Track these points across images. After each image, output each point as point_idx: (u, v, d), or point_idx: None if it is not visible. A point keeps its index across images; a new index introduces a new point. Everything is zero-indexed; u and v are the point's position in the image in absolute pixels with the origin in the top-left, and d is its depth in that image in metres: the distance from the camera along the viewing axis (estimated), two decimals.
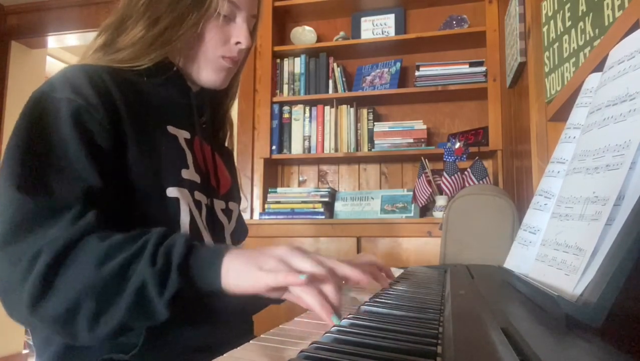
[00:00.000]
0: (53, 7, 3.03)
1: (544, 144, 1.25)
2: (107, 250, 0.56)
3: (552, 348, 0.36)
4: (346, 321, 0.50)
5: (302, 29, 2.61)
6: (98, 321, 0.55)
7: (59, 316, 0.54)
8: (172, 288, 0.54)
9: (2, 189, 0.60)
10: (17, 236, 0.57)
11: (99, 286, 0.54)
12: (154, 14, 0.76)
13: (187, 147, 0.79)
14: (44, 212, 0.58)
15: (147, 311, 0.55)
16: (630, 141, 0.43)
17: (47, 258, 0.54)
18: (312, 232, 2.25)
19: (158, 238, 0.57)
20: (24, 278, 0.54)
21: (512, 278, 0.65)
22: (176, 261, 0.55)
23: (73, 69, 0.71)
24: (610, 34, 0.74)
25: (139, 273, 0.54)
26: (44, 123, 0.64)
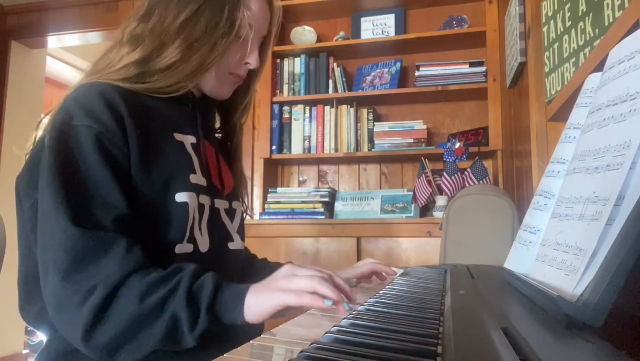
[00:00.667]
0: (53, 7, 3.03)
1: (544, 144, 1.25)
2: (147, 287, 0.63)
3: (552, 348, 0.36)
4: (346, 321, 0.50)
5: (302, 29, 2.61)
6: (137, 348, 0.62)
7: (106, 345, 0.62)
8: (202, 326, 0.62)
9: (54, 222, 0.64)
10: (77, 268, 0.63)
11: (140, 319, 0.61)
12: (190, 37, 0.77)
13: (193, 152, 0.81)
14: (99, 245, 0.64)
15: (177, 341, 0.63)
16: (630, 141, 0.43)
17: (101, 293, 0.61)
18: (312, 232, 2.25)
19: (190, 278, 0.64)
20: (79, 308, 0.61)
21: (512, 278, 0.65)
22: (205, 303, 0.62)
23: (86, 91, 0.73)
24: (610, 34, 0.74)
25: (174, 310, 0.61)
26: (70, 153, 0.68)
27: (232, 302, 0.63)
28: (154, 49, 0.77)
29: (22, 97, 3.12)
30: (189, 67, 0.78)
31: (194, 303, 0.62)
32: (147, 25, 0.79)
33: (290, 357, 0.37)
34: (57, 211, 0.64)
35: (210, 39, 0.78)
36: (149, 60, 0.77)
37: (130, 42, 0.79)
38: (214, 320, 0.63)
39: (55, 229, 0.64)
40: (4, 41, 3.06)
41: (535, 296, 0.51)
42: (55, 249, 0.64)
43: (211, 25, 0.78)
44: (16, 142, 3.02)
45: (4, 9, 3.09)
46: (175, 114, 0.82)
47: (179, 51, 0.77)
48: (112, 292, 0.62)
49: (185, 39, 0.77)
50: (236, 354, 0.41)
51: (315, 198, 2.36)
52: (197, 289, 0.63)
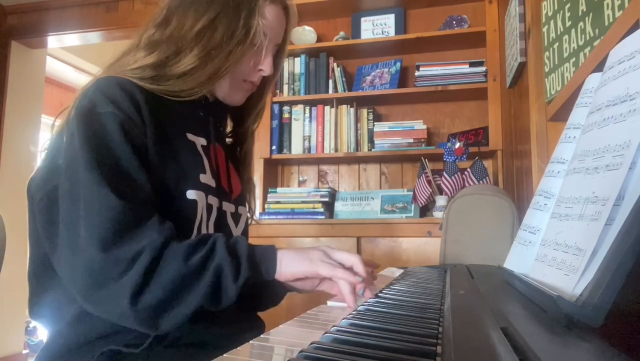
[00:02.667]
0: (53, 7, 3.03)
1: (544, 144, 1.25)
2: (187, 249, 0.66)
3: (551, 348, 0.36)
4: (346, 321, 0.50)
5: (302, 29, 2.61)
6: (182, 308, 0.64)
7: (154, 309, 0.63)
8: (245, 276, 0.66)
9: (95, 193, 0.65)
10: (119, 237, 0.64)
11: (186, 278, 0.64)
12: (208, 45, 0.79)
13: (203, 153, 0.83)
14: (138, 217, 0.66)
15: (219, 297, 0.66)
16: (630, 141, 0.43)
17: (148, 257, 0.63)
18: (312, 232, 2.25)
19: (224, 239, 0.69)
20: (122, 275, 0.62)
21: (512, 278, 0.65)
22: (244, 253, 0.68)
23: (107, 82, 0.74)
24: (610, 34, 0.74)
25: (218, 262, 0.65)
26: (99, 137, 0.69)
27: (267, 254, 0.70)
28: (170, 54, 0.79)
29: (22, 97, 3.12)
30: (205, 74, 0.79)
31: (235, 254, 0.67)
32: (165, 32, 0.80)
33: (290, 357, 0.37)
34: (98, 182, 0.65)
35: (226, 47, 0.79)
36: (165, 64, 0.79)
37: (147, 46, 0.80)
38: (254, 270, 0.68)
39: (94, 200, 0.65)
40: (4, 41, 3.06)
41: (535, 296, 0.51)
42: (95, 221, 0.64)
43: (228, 34, 0.79)
44: (16, 143, 3.02)
45: (4, 9, 3.09)
46: (188, 116, 0.84)
47: (196, 58, 0.78)
48: (157, 256, 0.64)
49: (204, 47, 0.78)
50: (236, 354, 0.41)
51: (315, 198, 2.36)
52: (233, 245, 0.69)
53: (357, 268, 0.71)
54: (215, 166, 0.86)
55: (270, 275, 0.70)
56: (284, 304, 0.94)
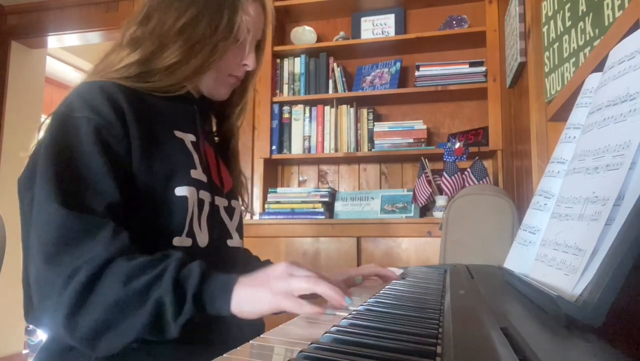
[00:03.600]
0: (53, 7, 3.03)
1: (544, 144, 1.25)
2: (132, 271, 0.61)
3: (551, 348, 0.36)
4: (346, 321, 0.50)
5: (302, 29, 2.61)
6: (119, 334, 0.60)
7: (89, 331, 0.60)
8: (187, 315, 0.60)
9: (44, 204, 0.65)
10: (60, 250, 0.62)
11: (124, 303, 0.60)
12: (191, 40, 0.80)
13: (193, 149, 0.84)
14: (85, 229, 0.64)
15: (161, 328, 0.61)
16: (630, 141, 0.43)
17: (85, 274, 0.60)
18: (312, 232, 2.25)
19: (177, 265, 0.62)
20: (61, 292, 0.60)
21: (512, 278, 0.65)
22: (191, 290, 0.60)
23: (89, 87, 0.75)
24: (610, 34, 0.74)
25: (159, 295, 0.60)
26: (68, 142, 0.69)
27: (220, 292, 0.62)
28: (154, 50, 0.80)
29: (22, 97, 3.12)
30: (190, 68, 0.81)
31: (180, 290, 0.60)
32: (146, 28, 0.81)
33: (290, 357, 0.37)
34: (48, 195, 0.65)
35: (210, 42, 0.81)
36: (149, 60, 0.80)
37: (130, 44, 0.81)
38: (200, 309, 0.61)
39: (43, 212, 0.64)
40: (4, 41, 3.06)
41: (535, 296, 0.51)
42: (41, 232, 0.64)
43: (211, 29, 0.80)
44: (16, 142, 3.03)
45: (4, 9, 3.09)
46: (176, 113, 0.84)
47: (179, 52, 0.79)
48: (96, 274, 0.61)
49: (186, 41, 0.80)
50: (236, 354, 0.41)
51: (315, 198, 2.36)
52: (184, 276, 0.62)
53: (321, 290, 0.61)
54: (206, 161, 0.87)
55: (223, 312, 0.62)
56: None
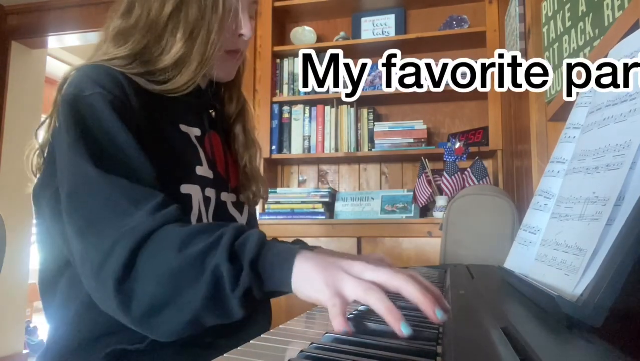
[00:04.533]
0: (53, 7, 3.03)
1: (544, 144, 1.25)
2: (186, 237, 0.55)
3: (552, 348, 0.36)
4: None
5: (302, 29, 2.61)
6: (178, 310, 0.54)
7: (145, 305, 0.54)
8: (244, 285, 0.52)
9: (80, 169, 0.61)
10: (101, 220, 0.58)
11: (179, 271, 0.53)
12: (188, 26, 0.74)
13: (198, 144, 0.81)
14: (129, 198, 0.59)
15: (222, 304, 0.53)
16: (630, 141, 0.43)
17: (129, 243, 0.55)
18: (312, 232, 2.25)
19: (234, 231, 0.56)
20: (105, 260, 0.55)
21: (512, 278, 0.65)
22: (248, 258, 0.53)
23: (92, 67, 0.71)
24: (610, 34, 0.74)
25: (216, 264, 0.53)
26: (88, 119, 0.64)
27: (279, 262, 0.53)
28: (150, 42, 0.75)
29: (22, 97, 3.12)
30: (196, 58, 0.75)
31: (236, 258, 0.53)
32: (129, 20, 0.76)
33: (290, 357, 0.37)
34: (85, 165, 0.60)
35: (204, 22, 0.74)
36: (146, 55, 0.75)
37: (115, 38, 0.76)
38: (258, 280, 0.53)
39: (80, 181, 0.60)
40: (4, 41, 3.06)
41: (535, 296, 0.51)
42: (77, 201, 0.60)
43: (201, 7, 0.75)
44: (16, 142, 3.02)
45: (4, 9, 3.09)
46: (180, 107, 0.80)
47: (182, 43, 0.74)
48: (139, 243, 0.55)
49: (184, 28, 0.74)
50: (236, 354, 0.41)
51: (315, 198, 2.36)
52: (240, 243, 0.54)
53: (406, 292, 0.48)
54: (212, 156, 0.83)
55: (284, 286, 0.53)
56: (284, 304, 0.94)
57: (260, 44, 2.57)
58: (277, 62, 2.60)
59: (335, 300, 0.47)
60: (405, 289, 0.48)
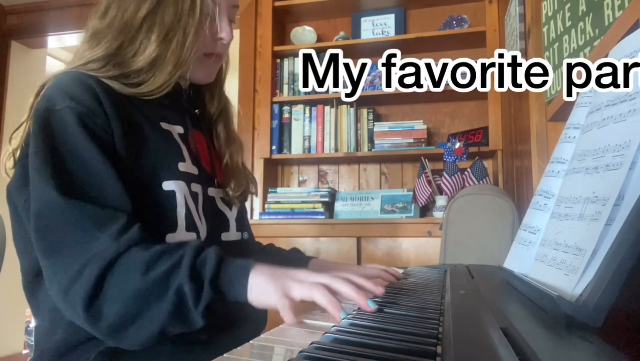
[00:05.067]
0: (53, 7, 3.03)
1: (544, 144, 1.25)
2: (149, 260, 0.61)
3: (551, 348, 0.36)
4: (346, 321, 0.50)
5: (302, 29, 2.61)
6: (144, 326, 0.59)
7: (114, 323, 0.59)
8: (205, 300, 0.59)
9: (44, 197, 0.63)
10: (68, 242, 0.61)
11: (145, 292, 0.59)
12: (162, 29, 0.75)
13: (181, 141, 0.81)
14: (92, 221, 0.62)
15: (185, 318, 0.60)
16: (630, 141, 0.43)
17: (97, 268, 0.59)
18: (312, 232, 2.25)
19: (194, 251, 0.62)
20: (71, 287, 0.59)
21: (512, 278, 0.65)
22: (208, 276, 0.60)
23: (64, 77, 0.72)
24: (610, 34, 0.74)
25: (178, 283, 0.59)
26: (56, 137, 0.67)
27: (236, 277, 0.61)
28: (121, 45, 0.75)
29: (22, 97, 3.11)
30: (171, 61, 0.76)
31: (198, 277, 0.60)
32: (104, 21, 0.77)
33: (290, 357, 0.37)
34: (47, 188, 0.62)
35: (179, 25, 0.76)
36: (120, 55, 0.75)
37: (91, 40, 0.77)
38: (218, 295, 0.60)
39: (44, 205, 0.63)
40: (4, 41, 3.06)
41: (535, 296, 0.51)
42: (44, 225, 0.62)
43: (178, 11, 0.75)
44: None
45: (4, 9, 3.09)
46: (160, 106, 0.80)
47: (156, 45, 0.75)
48: (107, 267, 0.59)
49: (159, 31, 0.75)
50: (236, 354, 0.41)
51: (315, 198, 2.36)
52: (201, 262, 0.61)
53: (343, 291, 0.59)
54: (196, 152, 0.84)
55: (241, 298, 0.61)
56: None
57: (260, 44, 2.57)
58: (277, 62, 2.60)
59: (284, 300, 0.57)
60: (342, 290, 0.59)
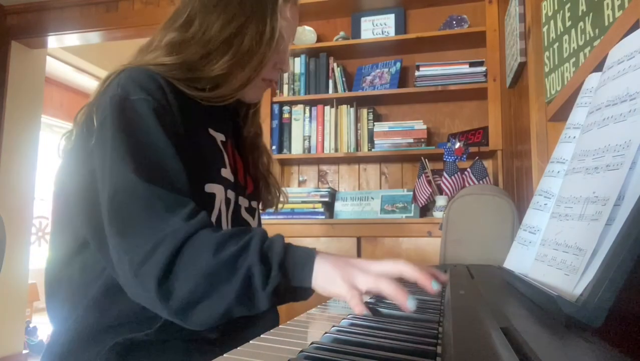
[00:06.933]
0: (53, 7, 3.03)
1: (544, 144, 1.25)
2: (220, 241, 0.62)
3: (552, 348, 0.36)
4: (346, 321, 0.50)
5: (302, 29, 2.61)
6: (211, 305, 0.60)
7: (184, 300, 0.60)
8: (274, 282, 0.60)
9: (121, 176, 0.65)
10: (141, 222, 0.63)
11: (215, 271, 0.60)
12: (239, 52, 0.79)
13: (223, 148, 0.85)
14: (165, 204, 0.64)
15: (251, 299, 0.61)
16: (630, 141, 0.43)
17: (170, 246, 0.60)
18: (312, 232, 2.25)
19: (261, 236, 0.64)
20: (145, 260, 0.60)
21: (512, 278, 0.65)
22: (276, 260, 0.61)
23: (137, 71, 0.74)
24: (610, 34, 0.74)
25: (248, 265, 0.60)
26: (133, 124, 0.68)
27: (302, 263, 0.63)
28: (200, 58, 0.79)
29: (22, 97, 3.12)
30: (238, 81, 0.81)
31: (266, 259, 0.61)
32: (187, 35, 0.80)
33: (290, 357, 0.37)
34: (125, 167, 0.64)
35: (257, 52, 0.80)
36: (192, 66, 0.79)
37: (168, 48, 0.79)
38: (285, 278, 0.62)
39: (120, 184, 0.64)
40: (4, 41, 3.06)
41: (535, 296, 0.51)
42: (117, 205, 0.64)
43: (256, 39, 0.80)
44: (16, 142, 3.02)
45: (4, 9, 3.09)
46: (210, 112, 0.84)
47: (228, 65, 0.78)
48: (180, 246, 0.61)
49: (234, 53, 0.79)
50: (236, 354, 0.41)
51: (315, 198, 2.36)
52: (267, 247, 0.63)
53: (407, 273, 0.62)
54: (234, 162, 0.88)
55: (306, 282, 0.62)
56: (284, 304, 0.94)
57: None
58: None
59: (353, 292, 0.58)
60: (406, 272, 0.62)
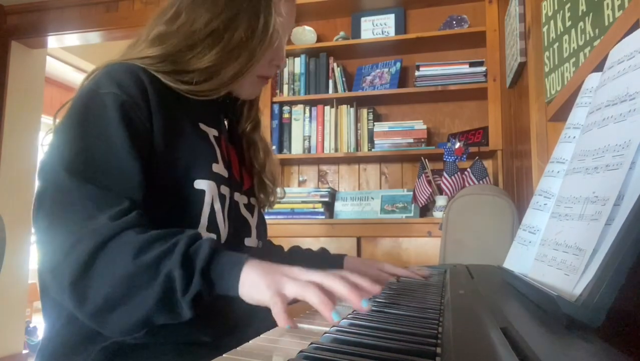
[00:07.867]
0: (53, 7, 3.03)
1: (544, 144, 1.25)
2: (142, 244, 0.59)
3: (551, 348, 0.36)
4: (346, 321, 0.50)
5: (302, 29, 2.61)
6: (130, 310, 0.58)
7: (99, 304, 0.58)
8: (194, 289, 0.57)
9: (54, 173, 0.64)
10: (68, 216, 0.61)
11: (134, 275, 0.57)
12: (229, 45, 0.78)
13: (216, 143, 0.83)
14: (95, 203, 0.62)
15: (172, 306, 0.58)
16: (630, 141, 0.43)
17: (88, 245, 0.58)
18: (312, 232, 2.25)
19: (188, 239, 0.60)
20: (64, 259, 0.59)
21: (512, 278, 0.65)
22: (200, 265, 0.58)
23: (116, 67, 0.74)
24: (610, 34, 0.74)
25: (169, 270, 0.57)
26: (92, 118, 0.68)
27: (229, 270, 0.59)
28: (181, 48, 0.77)
29: (22, 97, 3.12)
30: (228, 74, 0.79)
31: (189, 265, 0.58)
32: (172, 26, 0.79)
33: (289, 357, 0.37)
34: (62, 164, 0.64)
35: (248, 47, 0.79)
36: (174, 57, 0.77)
37: (154, 40, 0.79)
38: (208, 285, 0.59)
39: (54, 180, 0.64)
40: (4, 41, 3.05)
41: (535, 296, 0.51)
42: (50, 198, 0.63)
43: (248, 33, 0.79)
44: (16, 142, 3.02)
45: (4, 9, 3.09)
46: (201, 107, 0.83)
47: (217, 57, 0.77)
48: (101, 245, 0.58)
49: (224, 46, 0.78)
50: (236, 354, 0.41)
51: (315, 198, 2.36)
52: (194, 251, 0.59)
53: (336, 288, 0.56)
54: (227, 157, 0.87)
55: (231, 292, 0.59)
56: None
57: None
58: None
59: (276, 299, 0.55)
60: (335, 288, 0.56)
